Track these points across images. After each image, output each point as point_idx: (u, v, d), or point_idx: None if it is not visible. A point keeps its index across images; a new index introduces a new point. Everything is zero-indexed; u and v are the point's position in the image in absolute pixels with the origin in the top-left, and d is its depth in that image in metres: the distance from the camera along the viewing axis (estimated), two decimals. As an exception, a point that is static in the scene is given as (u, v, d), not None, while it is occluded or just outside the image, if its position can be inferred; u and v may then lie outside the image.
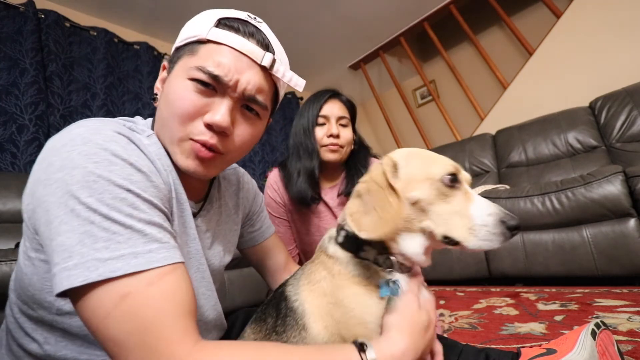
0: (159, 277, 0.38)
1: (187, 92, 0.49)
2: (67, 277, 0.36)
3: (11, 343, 0.51)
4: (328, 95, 1.14)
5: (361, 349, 0.43)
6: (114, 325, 0.36)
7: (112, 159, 0.40)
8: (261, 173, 3.19)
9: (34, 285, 0.46)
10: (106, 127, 0.43)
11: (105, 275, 0.36)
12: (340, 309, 0.50)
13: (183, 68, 0.50)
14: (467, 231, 0.46)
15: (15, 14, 2.02)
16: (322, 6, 2.81)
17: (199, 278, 0.57)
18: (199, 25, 0.51)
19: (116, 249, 0.37)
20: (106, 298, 0.36)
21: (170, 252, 0.41)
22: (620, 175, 1.46)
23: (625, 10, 2.24)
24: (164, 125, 0.51)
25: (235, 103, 0.51)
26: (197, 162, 0.51)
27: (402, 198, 0.49)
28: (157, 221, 0.42)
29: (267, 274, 0.82)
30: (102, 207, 0.37)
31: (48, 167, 0.40)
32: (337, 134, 1.11)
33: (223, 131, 0.50)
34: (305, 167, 1.10)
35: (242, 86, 0.50)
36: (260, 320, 0.58)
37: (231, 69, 0.49)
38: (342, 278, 0.52)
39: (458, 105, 3.48)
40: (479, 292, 1.64)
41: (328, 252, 0.56)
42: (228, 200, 0.71)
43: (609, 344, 0.58)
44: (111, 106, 2.32)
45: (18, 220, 1.56)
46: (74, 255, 0.36)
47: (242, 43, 0.50)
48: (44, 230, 0.39)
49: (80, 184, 0.38)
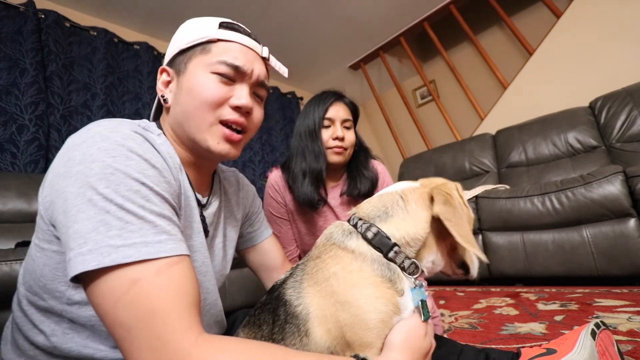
0: (167, 266, 0.40)
1: (212, 83, 0.55)
2: (81, 262, 0.38)
3: (17, 337, 0.52)
4: (333, 98, 1.15)
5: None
6: (123, 310, 0.37)
7: (129, 154, 0.43)
8: (261, 173, 3.18)
9: (46, 275, 0.48)
10: (123, 127, 0.46)
11: (117, 261, 0.38)
12: (350, 310, 0.47)
13: (200, 64, 0.56)
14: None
15: (15, 14, 2.01)
16: (323, 6, 2.81)
17: (203, 272, 0.59)
18: (204, 29, 0.58)
19: (128, 237, 0.39)
20: (117, 283, 0.38)
21: (178, 244, 0.43)
22: (620, 175, 1.46)
23: (625, 11, 2.24)
24: (187, 117, 0.56)
25: (251, 90, 0.60)
26: (229, 145, 0.58)
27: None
28: (167, 214, 0.44)
29: (264, 275, 0.82)
30: (118, 197, 0.40)
31: (68, 161, 0.42)
32: (343, 136, 1.12)
33: (248, 111, 0.58)
34: (312, 169, 1.11)
35: (255, 74, 0.59)
36: (254, 326, 0.55)
37: (245, 61, 0.57)
38: (361, 276, 0.49)
39: (458, 105, 3.48)
40: (479, 292, 1.64)
41: (347, 246, 0.52)
42: (230, 197, 0.74)
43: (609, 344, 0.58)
44: (111, 106, 2.32)
45: (18, 220, 1.56)
46: (88, 241, 0.38)
47: (247, 40, 0.59)
48: (62, 219, 0.41)
49: (99, 176, 0.40)
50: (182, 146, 0.59)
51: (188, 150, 0.59)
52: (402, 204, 0.55)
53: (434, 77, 3.78)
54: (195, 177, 0.61)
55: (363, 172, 1.18)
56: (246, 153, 3.15)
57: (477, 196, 1.90)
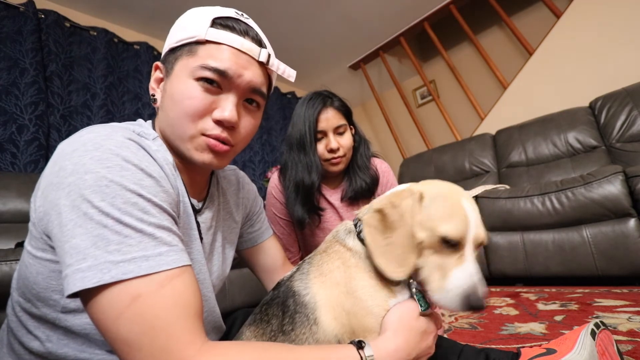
0: (168, 279, 0.39)
1: (195, 92, 0.50)
2: (80, 279, 0.37)
3: (12, 341, 0.51)
4: (321, 106, 1.08)
5: (359, 347, 0.45)
6: (125, 326, 0.36)
7: (124, 164, 0.41)
8: (261, 173, 3.18)
9: (39, 283, 0.46)
10: (117, 134, 0.44)
11: (117, 277, 0.37)
12: (352, 299, 0.51)
13: (185, 69, 0.51)
14: (438, 285, 0.48)
15: (15, 14, 2.01)
16: (322, 6, 2.81)
17: (201, 279, 0.58)
18: (194, 26, 0.52)
19: (128, 252, 0.38)
20: (118, 299, 0.37)
21: (179, 254, 0.42)
22: (620, 175, 1.45)
23: (625, 10, 2.24)
24: (172, 126, 0.53)
25: (239, 98, 0.54)
26: (212, 155, 0.53)
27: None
28: (167, 225, 0.43)
29: (264, 275, 0.82)
30: (114, 211, 0.39)
31: (60, 170, 0.41)
32: (337, 147, 1.09)
33: (232, 126, 0.53)
34: (305, 183, 1.08)
35: (245, 80, 0.53)
36: (262, 322, 0.58)
37: (233, 65, 0.51)
38: (357, 270, 0.53)
39: (458, 105, 3.48)
40: (479, 292, 1.64)
41: (347, 244, 0.56)
42: (229, 198, 0.72)
43: (609, 344, 0.58)
44: (111, 106, 2.32)
45: (18, 220, 1.56)
46: (87, 257, 0.37)
47: (240, 42, 0.52)
48: (57, 233, 0.40)
49: (93, 188, 0.39)
50: (171, 151, 0.56)
51: (178, 155, 0.56)
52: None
53: (434, 77, 3.78)
54: (189, 181, 0.59)
55: (360, 174, 1.16)
56: (246, 153, 3.15)
57: (477, 196, 1.91)
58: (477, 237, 0.49)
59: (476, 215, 0.50)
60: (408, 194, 0.52)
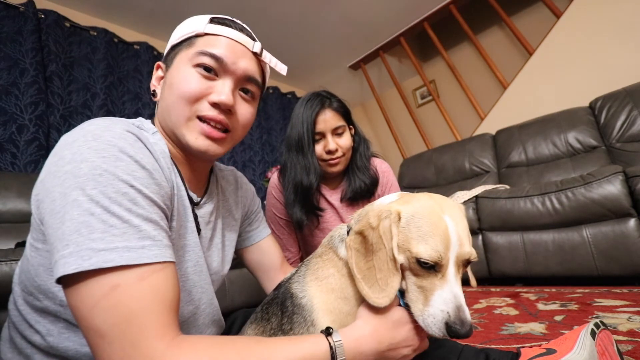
0: (149, 273, 0.39)
1: (192, 76, 0.54)
2: (62, 265, 0.37)
3: (14, 336, 0.52)
4: (319, 107, 1.08)
5: (327, 334, 0.46)
6: (99, 315, 0.36)
7: (119, 155, 0.42)
8: (261, 173, 3.18)
9: (41, 275, 0.47)
10: (116, 126, 0.45)
11: (97, 265, 0.37)
12: (350, 305, 0.53)
13: (185, 58, 0.55)
14: (420, 308, 0.47)
15: (15, 14, 2.01)
16: (322, 6, 2.81)
17: (197, 271, 0.58)
18: (194, 24, 0.57)
19: (111, 241, 0.38)
20: (96, 288, 0.37)
21: (162, 250, 0.42)
22: (620, 175, 1.46)
23: (625, 11, 2.24)
24: (169, 111, 0.55)
25: (235, 85, 0.57)
26: (208, 141, 0.55)
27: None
28: (154, 218, 0.43)
29: (262, 274, 0.82)
30: (104, 199, 0.39)
31: (59, 160, 0.42)
32: (336, 148, 1.08)
33: (228, 109, 0.55)
34: (303, 184, 1.08)
35: (240, 68, 0.56)
36: (263, 320, 0.59)
37: (229, 53, 0.55)
38: (350, 278, 0.53)
39: (458, 105, 3.48)
40: (479, 292, 1.64)
41: (338, 252, 0.57)
42: (228, 196, 0.73)
43: (609, 344, 0.58)
44: (111, 106, 2.32)
45: (18, 220, 1.56)
46: (70, 243, 0.37)
47: (236, 34, 0.57)
48: (49, 219, 0.40)
49: (87, 176, 0.39)
50: (171, 142, 0.58)
51: (177, 146, 0.58)
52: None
53: (434, 77, 3.78)
54: (189, 175, 0.60)
55: (360, 175, 1.15)
56: (246, 153, 3.15)
57: (477, 196, 1.91)
58: (461, 256, 0.46)
59: (460, 232, 0.47)
60: (386, 214, 0.49)
